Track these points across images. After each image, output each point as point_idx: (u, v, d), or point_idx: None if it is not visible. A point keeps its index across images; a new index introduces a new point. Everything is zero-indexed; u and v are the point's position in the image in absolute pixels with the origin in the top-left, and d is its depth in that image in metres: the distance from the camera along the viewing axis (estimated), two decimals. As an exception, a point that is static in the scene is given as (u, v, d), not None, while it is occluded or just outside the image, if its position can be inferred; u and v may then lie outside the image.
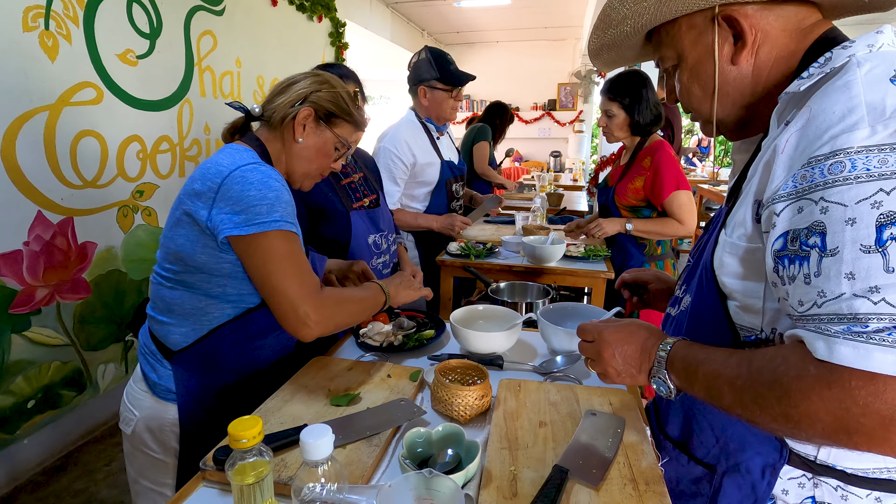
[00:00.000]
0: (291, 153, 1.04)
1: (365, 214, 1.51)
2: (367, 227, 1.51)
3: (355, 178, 1.56)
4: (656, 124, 2.00)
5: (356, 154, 1.62)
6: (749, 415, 0.57)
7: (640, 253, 2.11)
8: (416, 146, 2.07)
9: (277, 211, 0.89)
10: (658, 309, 1.10)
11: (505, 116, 3.84)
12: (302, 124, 1.01)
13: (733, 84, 0.70)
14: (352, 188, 1.53)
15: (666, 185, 1.93)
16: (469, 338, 1.12)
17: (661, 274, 1.10)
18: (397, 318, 1.30)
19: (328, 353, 1.19)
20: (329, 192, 1.45)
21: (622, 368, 0.74)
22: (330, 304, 0.92)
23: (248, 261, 0.90)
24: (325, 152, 1.06)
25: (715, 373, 0.61)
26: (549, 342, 1.16)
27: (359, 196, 1.54)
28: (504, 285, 1.72)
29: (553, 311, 1.24)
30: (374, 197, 1.59)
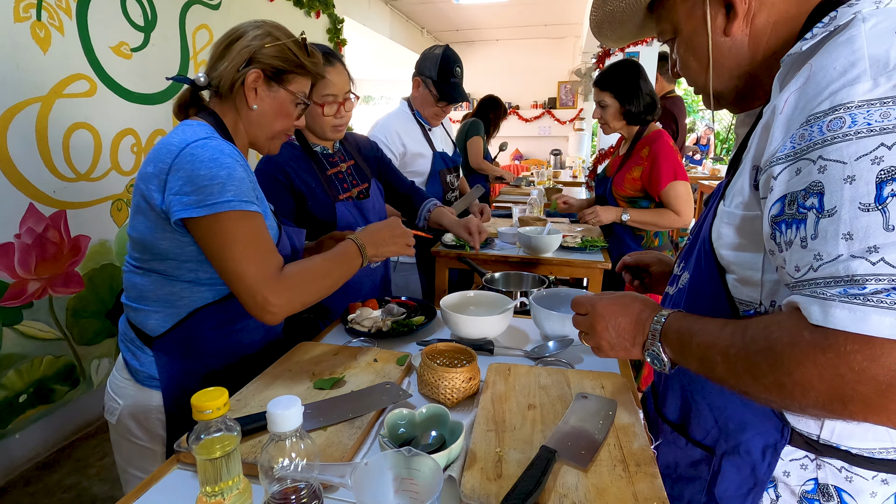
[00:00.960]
0: (249, 121, 0.98)
1: (353, 206, 1.46)
2: (355, 219, 1.46)
3: (343, 167, 1.51)
4: (651, 112, 1.97)
5: (347, 140, 1.58)
6: (742, 385, 0.54)
7: (637, 245, 2.08)
8: (407, 136, 2.07)
9: (230, 190, 0.83)
10: (659, 293, 1.08)
11: (498, 110, 3.79)
12: (252, 88, 0.94)
13: (728, 55, 0.67)
14: (338, 178, 1.48)
15: (663, 174, 1.90)
16: (459, 322, 1.09)
17: (663, 256, 1.07)
18: (387, 304, 1.28)
19: (316, 339, 1.16)
20: (312, 182, 1.40)
21: (616, 341, 0.72)
22: (292, 285, 0.88)
23: (203, 245, 0.86)
24: (284, 113, 0.99)
25: (708, 343, 0.58)
26: (541, 327, 1.14)
27: (346, 186, 1.49)
28: (499, 275, 1.69)
29: (546, 297, 1.21)
30: (364, 187, 1.54)
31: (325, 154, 1.48)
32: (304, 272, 0.92)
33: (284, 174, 1.37)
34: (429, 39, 7.52)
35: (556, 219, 2.65)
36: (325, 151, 1.48)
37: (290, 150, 1.44)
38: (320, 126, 1.39)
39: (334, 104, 1.36)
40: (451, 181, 2.25)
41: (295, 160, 1.40)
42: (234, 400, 0.86)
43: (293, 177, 1.38)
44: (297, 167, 1.39)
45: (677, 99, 2.98)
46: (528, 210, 2.37)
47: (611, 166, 2.18)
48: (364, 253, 1.01)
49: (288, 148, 1.44)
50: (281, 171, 1.37)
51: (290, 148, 1.44)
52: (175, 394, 0.95)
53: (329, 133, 1.40)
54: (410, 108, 2.14)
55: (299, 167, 1.39)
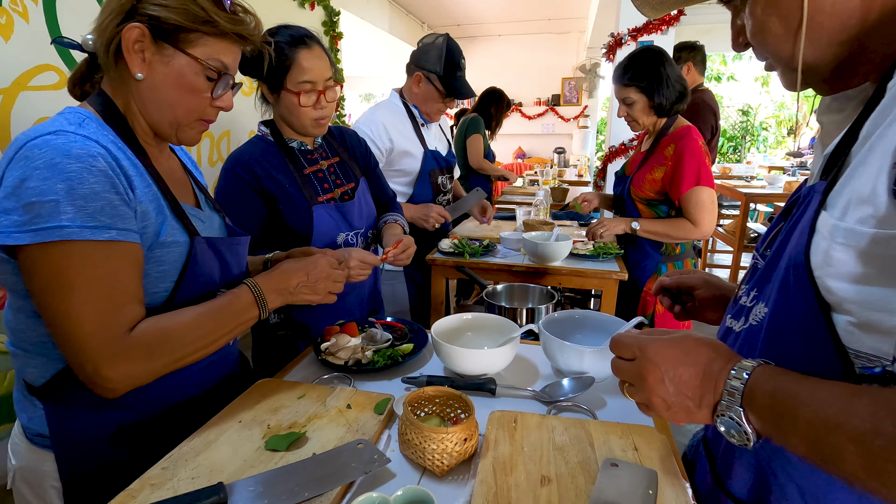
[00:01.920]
0: (139, 97, 0.74)
1: (334, 209, 1.27)
2: (336, 224, 1.27)
3: (323, 165, 1.32)
4: (682, 101, 1.76)
5: (332, 135, 1.39)
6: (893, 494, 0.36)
7: (656, 252, 1.88)
8: (396, 131, 1.85)
9: (66, 212, 0.61)
10: (708, 320, 0.88)
11: (500, 104, 3.54)
12: (137, 52, 0.70)
13: (831, 10, 0.48)
14: (318, 178, 1.29)
15: (686, 178, 1.70)
16: (453, 356, 0.90)
17: (710, 277, 0.87)
18: (370, 328, 1.08)
19: (280, 374, 0.97)
20: (286, 182, 1.22)
21: (674, 400, 0.53)
22: (140, 353, 0.67)
23: (27, 283, 0.65)
24: (187, 86, 0.74)
25: (828, 420, 0.40)
26: (553, 360, 0.94)
27: (327, 187, 1.29)
28: (501, 288, 1.50)
29: (558, 322, 1.01)
30: (349, 187, 1.35)
31: (304, 150, 1.30)
32: (163, 333, 0.70)
33: (252, 174, 1.20)
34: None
35: (563, 222, 2.45)
36: (303, 147, 1.30)
37: (263, 145, 1.26)
38: (299, 119, 1.21)
39: (312, 93, 1.18)
40: (444, 183, 2.03)
41: (267, 157, 1.23)
42: (160, 467, 0.66)
43: (262, 176, 1.20)
44: (269, 165, 1.22)
45: (709, 92, 2.76)
46: (532, 213, 2.17)
47: (630, 164, 1.97)
48: (263, 303, 0.80)
49: (260, 143, 1.26)
50: (248, 171, 1.20)
51: (262, 143, 1.26)
52: (72, 457, 0.74)
53: (310, 128, 1.23)
54: (403, 101, 1.93)
55: (271, 165, 1.22)
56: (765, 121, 10.72)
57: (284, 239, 1.22)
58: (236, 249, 0.88)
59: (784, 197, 3.74)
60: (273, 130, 1.27)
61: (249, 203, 1.19)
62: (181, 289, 0.76)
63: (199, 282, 0.79)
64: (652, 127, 1.86)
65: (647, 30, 2.66)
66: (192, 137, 0.82)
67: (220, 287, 0.84)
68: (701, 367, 0.53)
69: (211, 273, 0.81)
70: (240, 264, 0.90)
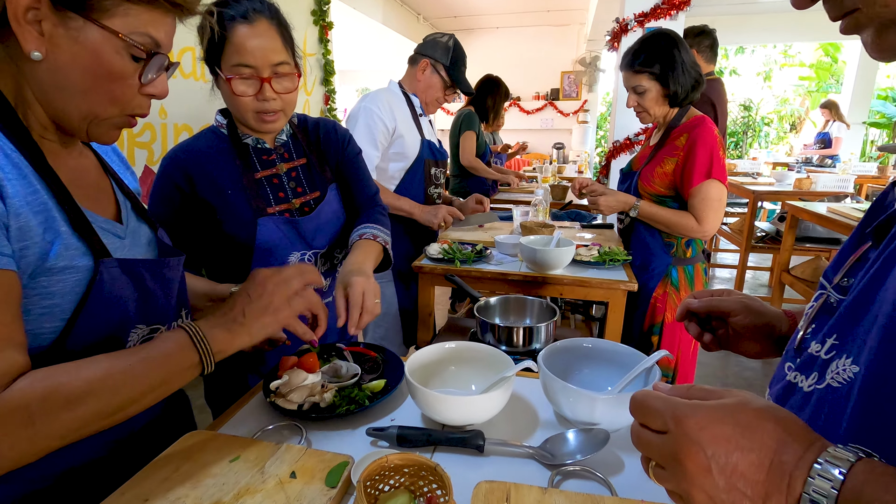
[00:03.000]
0: (36, 83, 0.56)
1: (285, 223, 1.04)
2: (287, 242, 1.05)
3: (282, 168, 1.09)
4: (696, 90, 1.58)
5: (304, 131, 1.16)
6: None
7: (665, 253, 1.70)
8: (399, 113, 1.81)
9: None
10: (743, 352, 0.71)
11: (497, 94, 3.28)
12: (31, 24, 0.52)
13: None
14: (272, 184, 1.07)
15: (696, 170, 1.52)
16: (431, 402, 0.71)
17: (750, 301, 0.70)
18: (335, 358, 0.89)
19: (218, 422, 0.78)
20: (230, 187, 1.01)
21: (725, 497, 0.37)
22: (16, 421, 0.49)
23: None
24: (105, 70, 0.56)
25: None
26: (556, 405, 0.76)
27: (282, 196, 1.07)
28: (495, 301, 1.32)
29: (562, 353, 0.83)
30: (313, 196, 1.11)
31: (259, 149, 1.08)
32: (52, 392, 0.51)
33: (185, 176, 1.00)
34: (425, 26, 7.10)
35: (563, 223, 2.27)
36: (259, 145, 1.08)
37: (211, 139, 1.06)
38: (237, 112, 1.00)
39: (252, 80, 0.95)
40: (437, 175, 1.96)
41: (211, 155, 1.03)
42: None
43: (198, 179, 1.00)
44: (211, 165, 1.02)
45: (717, 82, 2.57)
46: (531, 213, 1.99)
47: (638, 159, 1.79)
48: (207, 349, 0.61)
49: (209, 137, 1.06)
50: (181, 172, 1.00)
51: (211, 137, 1.06)
52: None
53: (252, 122, 1.01)
54: (402, 90, 1.90)
55: (214, 165, 1.02)
56: (766, 116, 10.54)
57: (230, 254, 1.03)
58: (165, 274, 0.69)
59: (794, 195, 3.57)
60: (231, 122, 1.07)
61: (179, 212, 1.00)
62: (77, 329, 0.58)
63: (104, 319, 0.60)
64: (662, 119, 1.68)
65: (654, 15, 2.48)
66: (109, 135, 0.63)
67: (137, 325, 0.65)
68: (767, 453, 0.36)
69: (123, 307, 0.62)
70: (169, 293, 0.70)
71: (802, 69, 9.70)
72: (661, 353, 0.75)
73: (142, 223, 0.73)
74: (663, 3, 2.41)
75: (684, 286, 1.70)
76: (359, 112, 1.76)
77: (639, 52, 1.59)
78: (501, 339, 1.19)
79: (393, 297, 1.90)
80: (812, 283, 2.81)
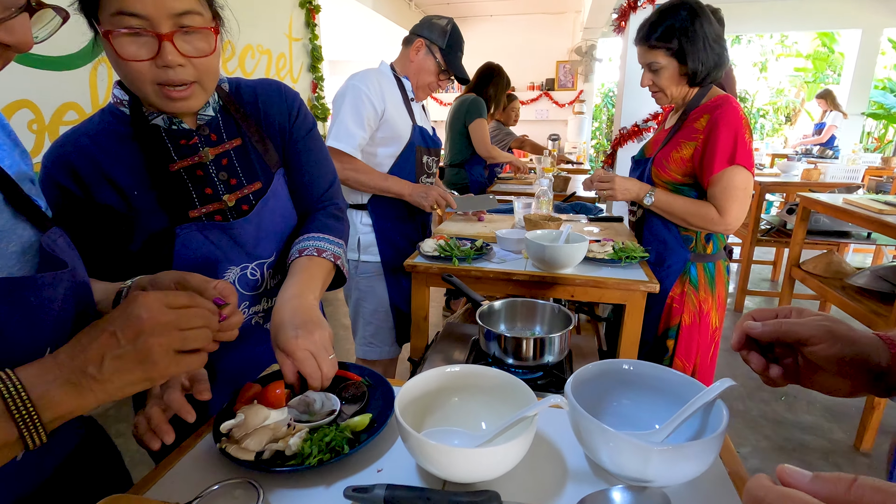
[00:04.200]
0: None
1: (215, 230, 0.79)
2: (220, 254, 0.80)
3: (208, 155, 0.80)
4: (720, 68, 1.41)
5: (236, 101, 0.86)
6: None
7: (682, 247, 1.54)
8: (390, 95, 1.65)
9: None
10: (827, 390, 0.54)
11: (500, 83, 3.08)
12: None
13: None
14: (195, 177, 0.80)
15: (718, 155, 1.35)
16: (429, 454, 0.54)
17: (835, 325, 0.53)
18: (305, 389, 0.71)
19: (149, 478, 0.60)
20: (135, 185, 0.76)
21: None
22: None
23: None
24: None
25: None
26: (592, 453, 0.58)
27: (209, 193, 0.80)
28: (500, 306, 1.15)
29: (594, 379, 0.66)
30: (253, 188, 0.84)
31: (175, 131, 0.79)
32: None
33: (73, 176, 0.75)
34: (417, 13, 6.87)
35: (568, 216, 2.10)
36: (175, 126, 0.79)
37: (108, 122, 0.78)
38: (131, 83, 0.71)
39: (144, 38, 0.67)
40: (429, 163, 1.80)
41: (108, 143, 0.76)
42: None
43: (91, 180, 0.75)
44: (113, 158, 0.76)
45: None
46: (534, 206, 1.81)
47: (652, 144, 1.62)
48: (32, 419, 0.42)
49: (104, 119, 0.78)
50: (68, 171, 0.75)
51: (107, 119, 0.78)
52: None
53: (154, 99, 0.72)
54: (393, 72, 1.74)
55: (116, 158, 0.76)
56: (762, 107, 10.44)
57: (141, 266, 0.79)
58: (29, 298, 0.48)
59: (803, 186, 3.42)
60: (134, 98, 0.77)
61: (75, 223, 0.73)
62: None
63: None
64: (681, 100, 1.51)
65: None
66: None
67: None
68: None
69: None
70: (36, 323, 0.49)
71: (798, 60, 9.60)
72: (725, 382, 0.58)
73: (18, 220, 0.53)
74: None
75: (704, 286, 1.54)
76: (346, 90, 1.60)
77: (656, 24, 1.42)
78: (508, 351, 1.02)
79: (384, 294, 1.74)
80: (826, 279, 2.66)
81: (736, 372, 2.81)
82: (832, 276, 2.69)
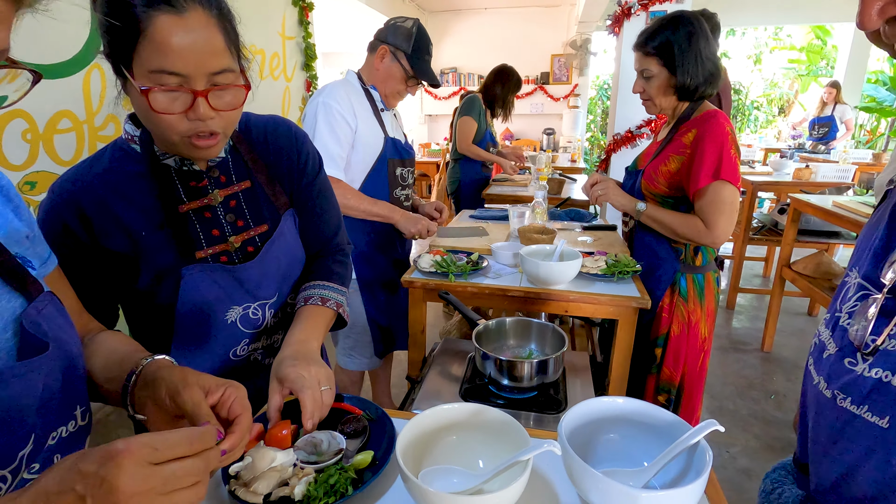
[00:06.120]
0: None
1: (221, 272, 0.81)
2: (223, 295, 0.82)
3: (217, 198, 0.82)
4: (712, 84, 1.44)
5: (246, 141, 0.88)
6: None
7: (673, 259, 1.57)
8: (359, 107, 1.62)
9: None
10: None
11: (507, 84, 3.16)
12: None
13: None
14: (203, 219, 0.81)
15: (703, 170, 1.38)
16: (429, 500, 0.57)
17: None
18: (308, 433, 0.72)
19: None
20: (143, 227, 0.77)
21: None
22: None
23: None
24: None
25: None
26: (584, 495, 0.62)
27: (216, 234, 0.82)
28: (494, 324, 1.18)
29: (587, 417, 0.69)
30: (259, 230, 0.86)
31: (186, 172, 0.81)
32: None
33: (81, 219, 0.75)
34: (410, 7, 6.81)
35: (562, 224, 2.13)
36: (186, 167, 0.81)
37: (119, 160, 0.79)
38: (158, 131, 0.72)
39: (179, 93, 0.68)
40: (403, 174, 1.77)
41: (119, 184, 0.77)
42: None
43: (99, 222, 0.75)
44: (122, 198, 0.76)
45: (721, 69, 2.43)
46: (528, 216, 1.84)
47: (644, 156, 1.65)
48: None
49: (114, 156, 0.79)
50: (74, 212, 0.75)
51: (121, 156, 0.79)
52: None
53: (182, 148, 0.74)
54: (361, 82, 1.69)
55: (125, 199, 0.77)
56: (756, 99, 10.47)
57: (146, 315, 0.81)
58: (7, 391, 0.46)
59: (794, 186, 3.46)
60: (146, 135, 0.78)
61: (73, 267, 0.72)
62: None
63: None
64: (671, 112, 1.54)
65: (659, -3, 2.32)
66: None
67: None
68: None
69: None
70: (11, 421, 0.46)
71: (792, 52, 9.61)
72: (709, 424, 0.61)
73: (5, 290, 0.51)
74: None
75: (693, 297, 1.57)
76: (317, 109, 1.57)
77: (653, 33, 1.45)
78: (504, 372, 1.05)
79: (360, 308, 1.74)
80: (815, 280, 2.72)
81: (712, 361, 2.87)
82: (821, 276, 2.75)
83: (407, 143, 1.80)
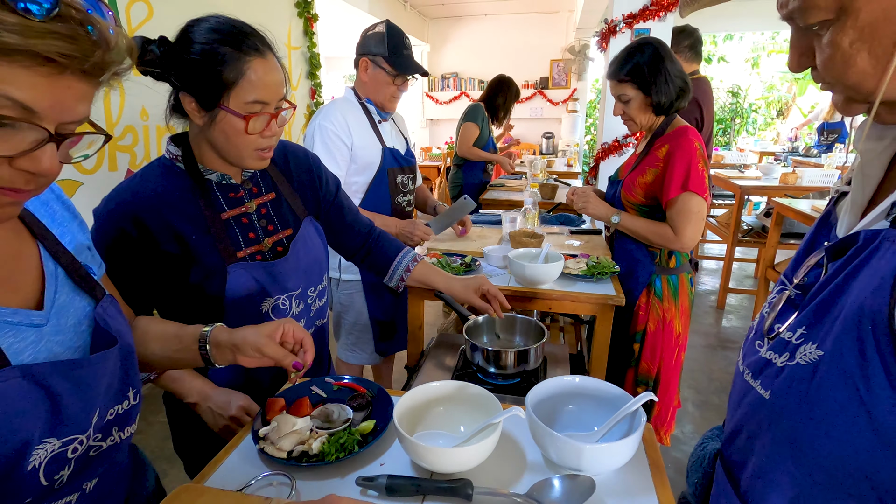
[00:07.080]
0: None
1: (259, 268, 0.96)
2: (262, 287, 0.96)
3: (251, 206, 1.00)
4: (683, 98, 1.59)
5: (272, 161, 1.05)
6: None
7: (649, 261, 1.72)
8: (355, 125, 1.74)
9: None
10: None
11: (508, 93, 3.42)
12: None
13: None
14: (241, 224, 0.98)
15: (674, 181, 1.53)
16: (419, 453, 0.72)
17: None
18: (327, 402, 0.89)
19: (207, 471, 0.78)
20: (194, 233, 0.92)
21: None
22: None
23: None
24: None
25: None
26: (544, 450, 0.77)
27: (252, 237, 0.98)
28: (483, 320, 1.33)
29: (550, 392, 0.84)
30: (284, 235, 1.03)
31: (225, 185, 0.98)
32: None
33: (140, 227, 0.89)
34: (412, 14, 6.98)
35: (551, 228, 2.28)
36: (224, 181, 0.98)
37: (168, 176, 0.94)
38: (237, 149, 0.90)
39: (262, 117, 0.88)
40: (404, 182, 1.88)
41: (171, 197, 0.92)
42: None
43: (156, 229, 0.90)
44: (173, 209, 0.91)
45: (702, 81, 2.57)
46: (520, 221, 1.99)
47: (624, 167, 1.80)
48: None
49: (163, 173, 0.94)
50: (132, 222, 0.88)
51: (166, 173, 0.94)
52: None
53: (250, 160, 0.92)
54: (357, 98, 1.81)
55: (176, 209, 0.91)
56: (754, 102, 10.59)
57: (196, 307, 0.94)
58: (82, 377, 0.56)
59: (780, 191, 3.60)
60: (186, 153, 0.94)
61: (131, 269, 0.89)
62: None
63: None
64: (649, 127, 1.69)
65: (643, 16, 2.46)
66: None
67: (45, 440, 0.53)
68: None
69: (21, 423, 0.50)
70: (88, 396, 0.57)
71: (790, 55, 9.71)
72: (646, 395, 0.76)
73: (77, 294, 0.62)
74: (652, 3, 2.39)
75: (667, 297, 1.72)
76: (315, 131, 1.71)
77: (624, 61, 1.60)
78: (491, 361, 1.20)
79: (363, 308, 1.88)
80: (796, 281, 2.85)
81: (700, 359, 3.02)
82: (802, 277, 2.88)
83: (408, 151, 1.92)
